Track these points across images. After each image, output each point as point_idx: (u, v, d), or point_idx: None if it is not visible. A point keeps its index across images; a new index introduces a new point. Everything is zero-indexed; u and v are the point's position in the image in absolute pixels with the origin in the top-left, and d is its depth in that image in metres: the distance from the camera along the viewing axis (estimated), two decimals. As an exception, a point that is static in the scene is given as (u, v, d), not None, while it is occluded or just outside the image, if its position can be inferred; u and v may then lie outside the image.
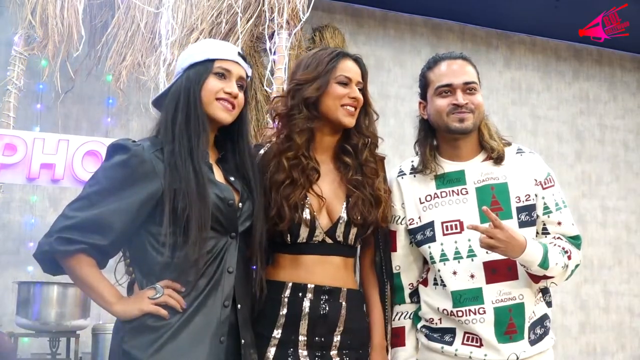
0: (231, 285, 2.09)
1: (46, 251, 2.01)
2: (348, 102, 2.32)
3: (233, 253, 2.12)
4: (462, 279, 2.32)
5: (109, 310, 2.04)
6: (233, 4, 4.79)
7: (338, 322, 2.26)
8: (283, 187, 2.26)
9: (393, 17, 7.19)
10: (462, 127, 2.37)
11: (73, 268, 2.02)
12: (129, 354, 1.98)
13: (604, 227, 7.68)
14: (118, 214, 1.99)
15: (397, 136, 6.72)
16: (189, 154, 2.06)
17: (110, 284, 2.07)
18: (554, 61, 7.81)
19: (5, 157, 4.45)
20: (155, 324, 1.99)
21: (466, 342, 2.31)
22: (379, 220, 2.35)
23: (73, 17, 4.75)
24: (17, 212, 5.55)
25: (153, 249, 2.04)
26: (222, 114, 2.17)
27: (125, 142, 2.07)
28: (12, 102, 4.74)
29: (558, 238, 2.36)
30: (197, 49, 2.22)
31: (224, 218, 2.10)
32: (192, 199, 2.01)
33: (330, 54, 2.38)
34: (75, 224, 1.98)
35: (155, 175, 2.03)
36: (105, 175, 2.05)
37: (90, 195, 2.02)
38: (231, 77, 2.18)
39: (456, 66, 2.42)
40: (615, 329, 7.49)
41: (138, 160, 2.03)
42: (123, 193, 2.00)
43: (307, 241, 2.28)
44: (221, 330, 2.06)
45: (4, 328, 4.55)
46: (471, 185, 2.39)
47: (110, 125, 5.81)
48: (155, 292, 2.00)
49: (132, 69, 4.94)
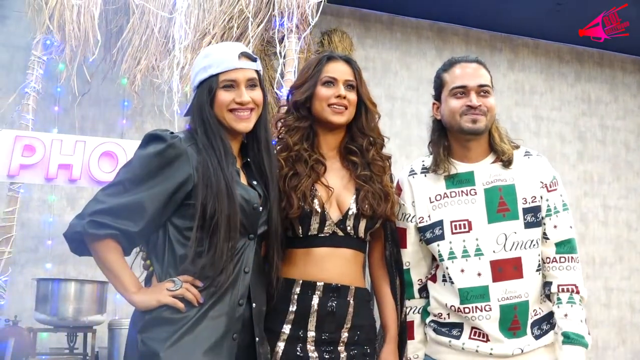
0: (247, 284, 2.10)
1: (78, 232, 2.01)
2: (334, 101, 2.36)
3: (250, 254, 2.13)
4: (470, 276, 2.33)
5: (129, 298, 2.04)
6: (244, 8, 4.81)
7: (346, 319, 2.28)
8: (288, 178, 2.30)
9: (399, 21, 7.19)
10: (475, 128, 2.38)
11: (100, 252, 2.02)
12: (146, 345, 1.98)
13: (605, 225, 7.66)
14: (150, 202, 2.00)
15: (403, 137, 6.73)
16: (217, 159, 2.07)
17: (133, 273, 2.07)
18: (557, 63, 7.80)
19: (25, 157, 4.48)
20: (173, 316, 2.00)
21: (473, 337, 2.33)
22: (388, 214, 2.37)
23: (89, 22, 4.77)
24: (35, 211, 5.59)
25: (177, 242, 2.05)
26: (238, 125, 2.17)
27: (163, 133, 2.08)
28: (30, 105, 4.77)
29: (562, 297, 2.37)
30: (201, 64, 2.19)
31: (247, 220, 2.11)
32: (221, 199, 2.02)
33: (318, 58, 2.43)
34: (108, 209, 1.99)
35: (189, 165, 2.04)
36: (140, 163, 2.05)
37: (124, 181, 2.02)
38: (239, 85, 2.16)
39: (471, 69, 2.43)
40: (616, 325, 7.47)
41: (174, 151, 2.04)
42: (156, 180, 2.01)
43: (317, 233, 2.30)
44: (235, 327, 2.07)
45: (23, 323, 4.58)
46: (480, 186, 2.40)
47: (126, 126, 5.83)
48: (173, 285, 2.01)
49: (147, 73, 4.97)
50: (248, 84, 2.17)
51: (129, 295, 2.04)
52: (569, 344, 2.29)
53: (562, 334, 2.31)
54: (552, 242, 2.39)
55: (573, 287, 2.35)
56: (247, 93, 2.16)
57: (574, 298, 2.33)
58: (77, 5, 4.75)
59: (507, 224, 2.35)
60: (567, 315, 2.32)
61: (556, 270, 2.37)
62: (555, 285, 2.36)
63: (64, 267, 5.38)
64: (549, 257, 2.38)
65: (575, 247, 2.41)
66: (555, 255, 2.38)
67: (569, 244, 2.40)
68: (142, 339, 2.00)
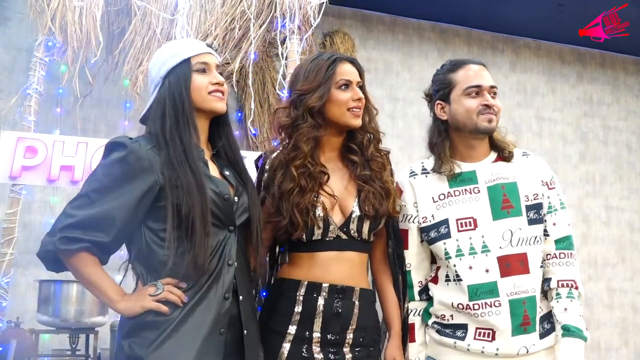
0: (231, 277, 2.07)
1: (50, 250, 1.99)
2: (353, 105, 2.33)
3: (232, 246, 2.10)
4: (478, 273, 2.35)
5: (113, 307, 2.02)
6: (246, 10, 4.78)
7: (351, 321, 2.27)
8: (293, 195, 2.25)
9: (401, 23, 7.18)
10: (490, 127, 2.43)
11: (77, 266, 2.00)
12: (132, 350, 1.97)
13: (607, 226, 7.64)
14: (118, 210, 1.97)
15: (405, 137, 6.71)
16: (184, 153, 2.04)
17: (113, 281, 2.04)
18: (559, 64, 7.78)
19: (27, 159, 4.45)
20: (157, 319, 1.97)
21: (478, 337, 2.34)
22: (390, 211, 2.35)
23: (91, 24, 4.75)
24: (38, 213, 5.56)
25: (154, 244, 2.02)
26: (219, 105, 2.17)
27: (122, 139, 2.06)
28: (33, 107, 4.74)
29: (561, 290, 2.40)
30: (167, 53, 2.18)
31: (221, 212, 2.08)
32: (192, 195, 1.99)
33: (327, 60, 2.36)
34: (77, 222, 1.96)
35: (153, 171, 2.01)
36: (104, 172, 2.03)
37: (90, 193, 2.00)
38: (211, 68, 2.17)
39: (482, 70, 2.48)
40: (619, 326, 7.45)
41: (135, 156, 2.01)
42: (122, 189, 1.98)
43: (322, 238, 2.28)
44: (222, 322, 2.03)
45: (25, 325, 4.56)
46: (483, 185, 2.43)
47: (128, 128, 5.80)
48: (156, 289, 1.98)
49: (149, 74, 4.94)
50: (217, 70, 2.20)
51: (113, 304, 2.01)
52: (568, 336, 2.32)
53: (561, 327, 2.34)
54: (552, 239, 2.44)
55: (572, 283, 2.39)
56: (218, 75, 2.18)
57: (573, 293, 2.37)
58: (79, 7, 4.72)
59: (512, 220, 2.38)
60: (567, 309, 2.35)
61: (556, 266, 2.41)
62: (554, 281, 2.39)
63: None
64: (549, 254, 2.43)
65: (573, 244, 2.47)
66: (555, 251, 2.43)
67: (568, 240, 2.44)
68: (129, 344, 1.98)
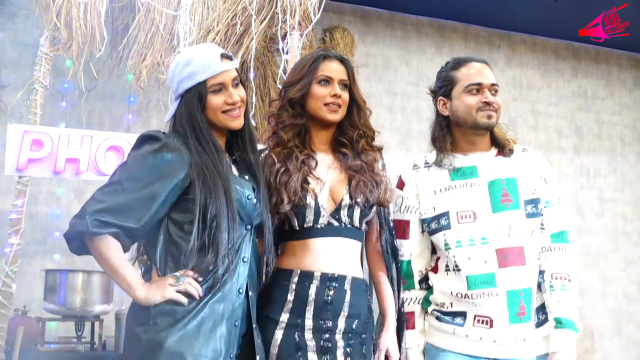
0: (245, 273, 2.11)
1: (80, 232, 1.98)
2: (330, 100, 2.36)
3: (248, 244, 2.14)
4: (476, 263, 2.38)
5: (132, 294, 2.03)
6: (247, 6, 4.78)
7: (342, 308, 2.28)
8: (279, 175, 2.29)
9: (400, 18, 7.16)
10: (489, 123, 2.47)
11: (101, 250, 2.00)
12: (149, 336, 1.98)
13: (601, 217, 7.65)
14: (149, 200, 2.00)
15: (404, 131, 6.71)
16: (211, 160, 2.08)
17: (134, 269, 2.06)
18: (554, 60, 7.77)
19: (33, 152, 4.46)
20: (175, 307, 2.00)
21: (476, 325, 2.37)
22: (381, 200, 2.37)
23: (96, 19, 4.74)
24: (44, 204, 5.57)
25: (177, 236, 2.05)
26: (233, 123, 2.19)
27: (156, 133, 2.11)
28: (38, 100, 4.74)
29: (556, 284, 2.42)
30: (184, 72, 2.16)
31: (243, 211, 2.11)
32: (219, 194, 2.02)
33: (312, 56, 2.42)
34: (108, 207, 1.97)
35: (185, 165, 2.04)
36: (137, 162, 2.05)
37: (122, 181, 2.02)
38: (226, 86, 2.16)
39: (484, 68, 2.51)
40: (612, 314, 7.47)
41: (169, 149, 2.05)
42: (154, 180, 2.01)
43: (313, 225, 2.30)
44: (236, 315, 2.08)
45: (32, 313, 4.58)
46: (483, 179, 2.45)
47: (132, 122, 5.83)
48: (176, 280, 2.01)
49: (152, 69, 4.94)
50: (233, 83, 2.18)
51: (133, 291, 2.02)
52: (560, 328, 2.34)
53: (554, 319, 2.36)
54: (548, 232, 2.46)
55: (566, 275, 2.41)
56: (235, 92, 2.17)
57: (566, 286, 2.39)
58: (84, 3, 4.71)
59: (511, 214, 2.41)
60: (560, 301, 2.38)
61: (551, 259, 2.44)
62: (549, 273, 2.42)
63: (71, 258, 5.35)
64: (544, 247, 2.45)
65: (568, 238, 2.49)
66: (551, 244, 2.45)
67: (563, 234, 2.47)
68: (146, 330, 1.99)
